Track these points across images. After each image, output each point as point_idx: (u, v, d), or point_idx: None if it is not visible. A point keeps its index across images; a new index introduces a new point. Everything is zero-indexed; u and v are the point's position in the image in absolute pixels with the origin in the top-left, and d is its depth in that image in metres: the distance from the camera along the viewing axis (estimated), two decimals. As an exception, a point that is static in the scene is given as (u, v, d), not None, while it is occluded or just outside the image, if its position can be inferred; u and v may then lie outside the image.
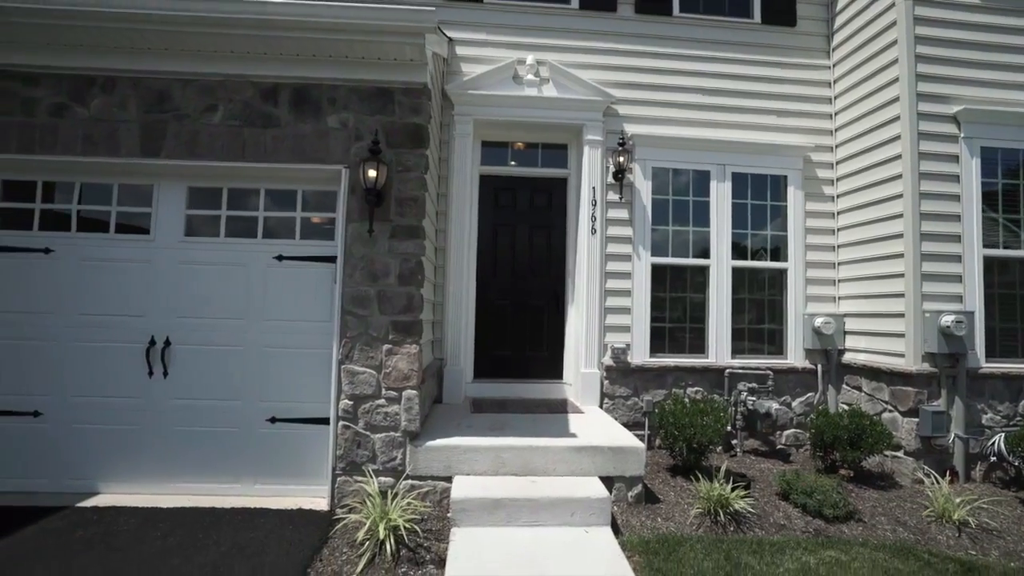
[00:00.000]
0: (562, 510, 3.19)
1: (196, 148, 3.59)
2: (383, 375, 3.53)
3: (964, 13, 4.68)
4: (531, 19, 5.34)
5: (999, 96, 4.66)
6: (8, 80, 3.54)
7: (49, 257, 3.71)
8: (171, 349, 3.70)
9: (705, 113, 5.40)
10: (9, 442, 3.63)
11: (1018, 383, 4.51)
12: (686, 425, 4.07)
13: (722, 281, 5.26)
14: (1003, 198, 4.65)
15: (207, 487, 3.65)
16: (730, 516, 3.41)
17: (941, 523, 3.50)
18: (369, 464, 3.47)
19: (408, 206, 3.62)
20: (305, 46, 3.53)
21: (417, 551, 2.87)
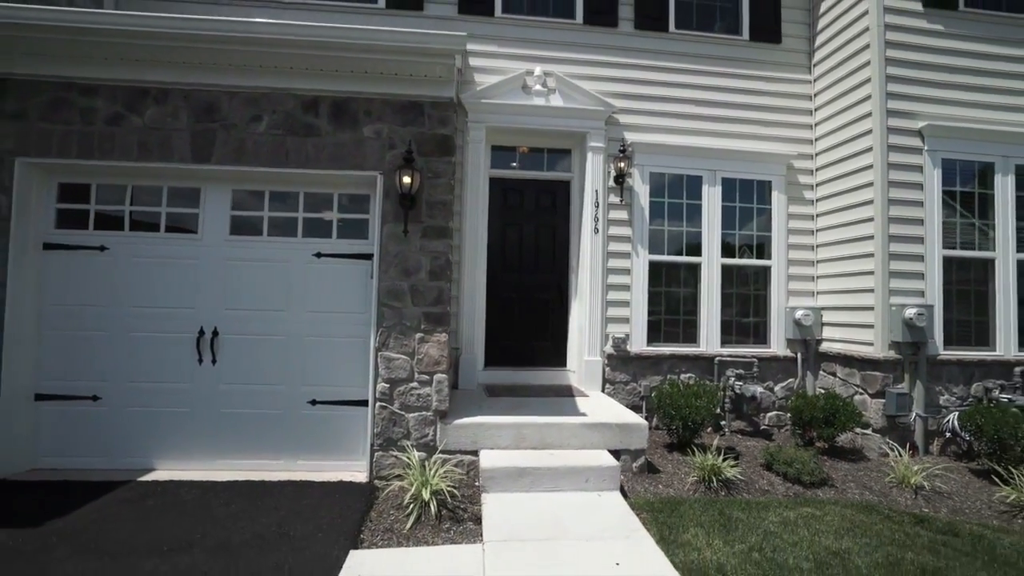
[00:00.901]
0: (577, 477, 3.65)
1: (243, 155, 3.94)
2: (416, 361, 3.94)
3: (929, 38, 5.22)
4: (539, 33, 5.74)
5: (958, 113, 5.22)
6: (68, 91, 3.84)
7: (104, 254, 4.03)
8: (219, 339, 4.06)
9: (698, 123, 5.87)
10: (70, 424, 3.97)
11: (971, 368, 5.10)
12: (682, 406, 4.57)
13: (713, 277, 5.76)
14: (960, 204, 5.22)
15: (254, 463, 4.03)
16: (722, 483, 3.91)
17: (901, 488, 4.04)
18: (404, 440, 3.88)
19: (438, 209, 4.02)
20: (345, 63, 3.90)
21: (455, 511, 3.31)
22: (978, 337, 5.20)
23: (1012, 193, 5.26)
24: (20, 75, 3.80)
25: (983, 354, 5.13)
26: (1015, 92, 5.33)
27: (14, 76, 3.80)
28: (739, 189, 5.90)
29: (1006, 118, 5.30)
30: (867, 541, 3.08)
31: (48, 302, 3.97)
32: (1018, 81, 5.35)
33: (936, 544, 3.09)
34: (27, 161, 3.82)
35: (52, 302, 3.98)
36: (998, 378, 5.08)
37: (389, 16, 5.60)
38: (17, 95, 3.81)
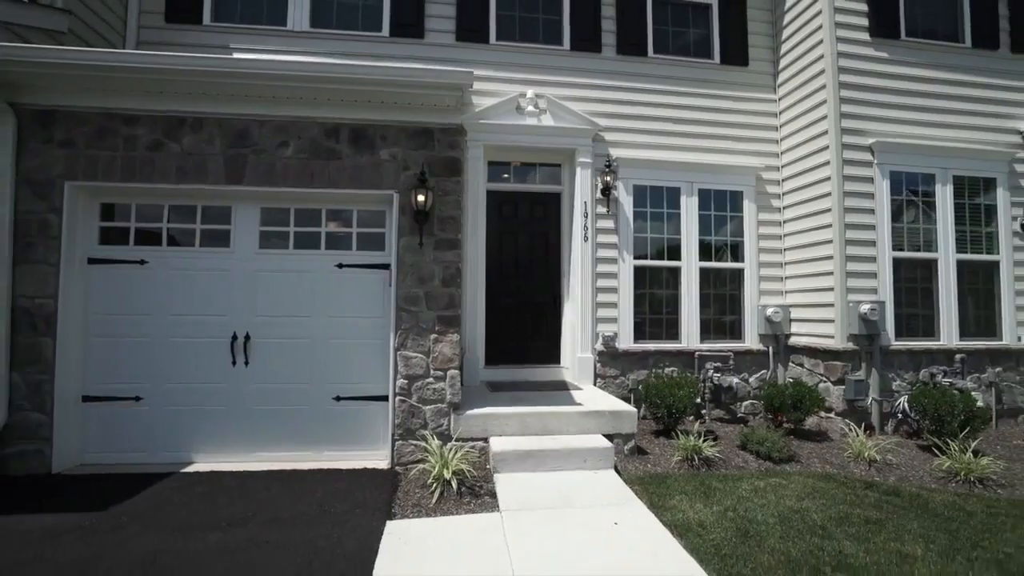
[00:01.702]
0: (577, 458, 4.17)
1: (272, 177, 4.38)
2: (431, 359, 4.42)
3: (877, 64, 5.89)
4: (530, 58, 6.28)
5: (904, 131, 5.90)
6: (112, 121, 4.25)
7: (144, 267, 4.43)
8: (251, 342, 4.48)
9: (675, 139, 6.46)
10: (114, 423, 4.35)
11: (919, 356, 5.76)
12: (666, 395, 5.12)
13: (691, 279, 6.34)
14: (906, 211, 5.89)
15: (284, 455, 4.45)
16: (702, 461, 4.46)
17: (857, 461, 4.63)
18: (422, 430, 4.36)
19: (448, 223, 4.51)
20: (363, 95, 4.37)
21: (473, 488, 3.79)
22: (925, 328, 5.86)
23: (951, 201, 5.95)
24: (67, 107, 4.20)
25: (929, 343, 5.80)
26: (951, 111, 6.04)
27: (62, 108, 4.19)
28: (713, 199, 6.50)
29: (944, 135, 5.99)
30: (824, 502, 3.65)
31: (93, 312, 4.36)
32: (954, 101, 6.06)
33: (881, 502, 3.68)
34: (75, 184, 4.21)
35: (97, 311, 4.36)
36: (942, 364, 5.75)
37: (393, 43, 6.08)
38: (65, 125, 4.20)
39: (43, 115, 4.18)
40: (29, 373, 4.07)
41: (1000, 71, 6.22)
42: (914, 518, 3.41)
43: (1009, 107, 6.21)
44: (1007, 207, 6.09)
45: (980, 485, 4.16)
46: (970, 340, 5.90)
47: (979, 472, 4.18)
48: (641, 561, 2.79)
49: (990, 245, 6.07)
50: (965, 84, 6.12)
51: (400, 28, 6.11)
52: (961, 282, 5.94)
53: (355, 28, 6.08)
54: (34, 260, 4.11)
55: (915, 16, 6.10)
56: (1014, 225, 6.09)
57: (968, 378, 5.75)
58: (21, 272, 4.09)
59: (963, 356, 5.76)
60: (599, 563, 2.77)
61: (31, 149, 4.16)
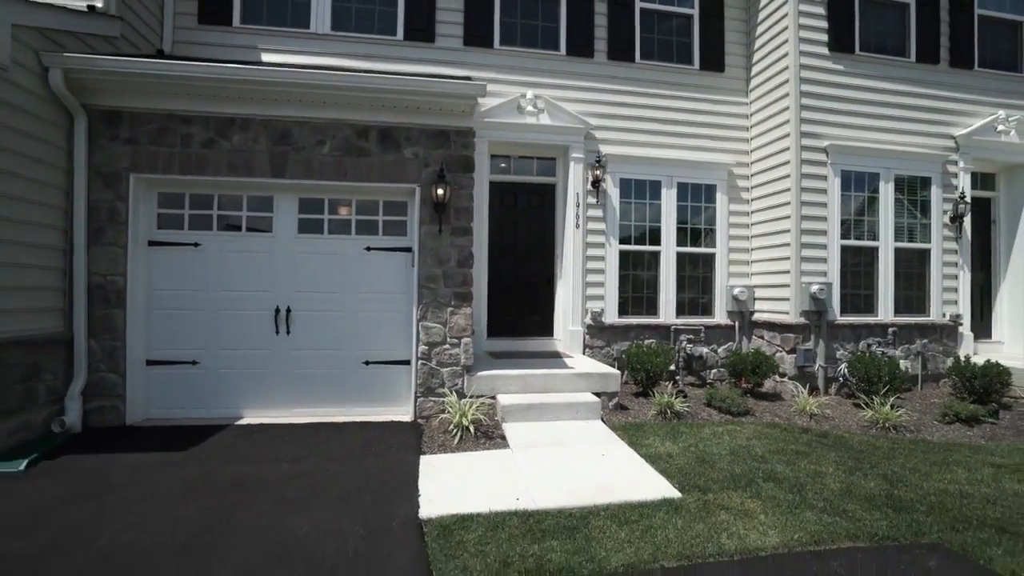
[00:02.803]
0: (571, 410, 5.03)
1: (310, 171, 5.07)
2: (448, 328, 5.21)
3: (833, 76, 6.72)
4: (530, 62, 6.96)
5: (854, 135, 6.76)
6: (171, 120, 4.87)
7: (197, 249, 5.11)
8: (291, 314, 5.21)
9: (658, 137, 7.24)
10: (174, 384, 5.07)
11: (859, 330, 6.73)
12: (645, 361, 6.00)
13: (670, 261, 7.20)
14: (853, 206, 6.80)
15: (320, 411, 5.23)
16: (674, 414, 5.36)
17: (800, 415, 5.58)
18: (440, 388, 5.17)
19: (462, 213, 5.26)
20: (391, 101, 5.06)
21: (487, 433, 4.63)
22: (865, 306, 6.83)
23: (892, 197, 6.87)
24: (131, 108, 4.81)
25: (868, 319, 6.77)
26: (896, 118, 6.92)
27: (127, 109, 4.80)
28: (690, 191, 7.33)
29: (889, 139, 6.88)
30: (766, 441, 4.58)
31: (154, 287, 5.03)
32: (898, 109, 6.94)
33: (811, 442, 4.62)
34: (139, 176, 4.84)
35: (157, 288, 5.04)
36: (877, 336, 6.74)
37: (406, 46, 6.71)
38: (130, 124, 4.81)
39: (110, 115, 4.79)
40: (104, 340, 4.76)
41: (939, 83, 7.11)
42: (833, 451, 4.36)
43: (945, 115, 7.12)
44: (939, 202, 7.05)
45: (894, 431, 5.14)
46: (903, 316, 6.90)
47: (893, 420, 5.16)
48: (620, 475, 3.67)
49: (924, 235, 7.04)
50: (909, 94, 7.00)
51: (413, 32, 6.73)
52: (898, 266, 6.90)
53: (372, 32, 6.68)
54: (105, 242, 4.77)
55: (868, 33, 6.92)
56: (944, 218, 7.06)
57: (899, 348, 6.75)
58: (94, 253, 4.75)
59: (895, 329, 6.76)
60: (589, 475, 3.65)
61: (100, 145, 4.77)
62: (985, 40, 7.32)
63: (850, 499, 3.39)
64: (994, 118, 7.19)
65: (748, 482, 3.63)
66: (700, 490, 3.48)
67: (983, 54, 7.30)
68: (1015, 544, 2.83)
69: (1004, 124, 7.20)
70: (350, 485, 3.57)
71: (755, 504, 3.28)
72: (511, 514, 3.08)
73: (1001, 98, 7.30)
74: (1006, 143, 7.23)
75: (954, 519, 3.13)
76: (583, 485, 3.53)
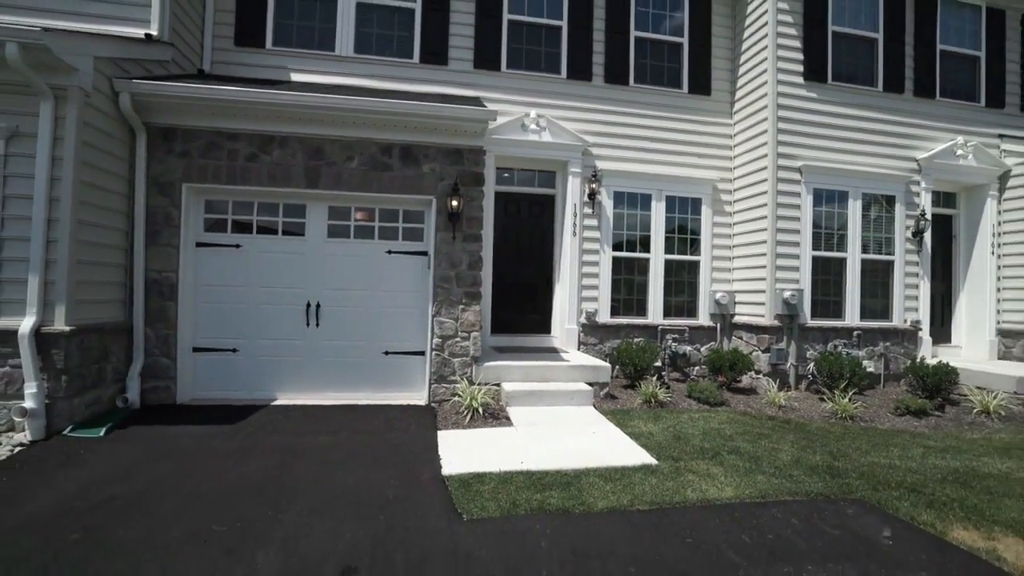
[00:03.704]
0: (567, 397, 5.73)
1: (340, 183, 5.75)
2: (459, 323, 5.90)
3: (807, 103, 7.45)
4: (533, 84, 7.67)
5: (825, 156, 7.50)
6: (219, 137, 5.55)
7: (239, 250, 5.78)
8: (321, 309, 5.89)
9: (649, 154, 7.96)
10: (217, 368, 5.73)
11: (828, 332, 7.45)
12: (634, 357, 6.71)
13: (658, 267, 7.91)
14: (824, 220, 7.54)
15: (345, 395, 5.90)
16: (657, 403, 6.06)
17: (770, 406, 6.29)
18: (452, 376, 5.85)
19: (473, 222, 5.95)
20: (412, 123, 5.75)
21: (494, 414, 5.32)
22: (834, 311, 7.56)
23: (859, 213, 7.61)
24: (185, 126, 5.48)
25: (836, 323, 7.50)
26: (864, 142, 7.66)
27: (180, 126, 5.47)
28: (678, 204, 8.05)
29: (857, 160, 7.62)
30: (735, 425, 5.28)
31: (201, 283, 5.70)
32: (866, 134, 7.68)
33: (774, 427, 5.33)
34: (190, 185, 5.52)
35: (203, 283, 5.70)
36: (844, 338, 7.46)
37: (422, 69, 7.40)
38: (183, 140, 5.49)
39: (166, 132, 5.47)
40: (159, 329, 5.42)
41: (904, 110, 7.86)
42: (791, 434, 5.07)
43: (909, 140, 7.87)
44: (903, 218, 7.79)
45: (851, 420, 5.85)
46: (868, 321, 7.63)
47: (850, 411, 5.87)
48: (607, 447, 4.37)
49: (888, 248, 7.78)
50: (876, 120, 7.75)
51: (428, 56, 7.43)
52: (864, 276, 7.64)
53: (391, 55, 7.37)
54: (160, 243, 5.44)
55: (840, 63, 7.67)
56: (907, 233, 7.80)
57: (863, 350, 7.48)
58: (151, 252, 5.42)
59: (859, 332, 7.48)
60: (581, 448, 4.34)
61: (157, 158, 5.45)
62: (946, 72, 8.08)
63: (797, 468, 4.10)
64: (953, 143, 7.94)
65: (714, 454, 4.33)
66: (673, 459, 4.18)
67: (944, 85, 8.06)
68: (919, 499, 3.53)
69: (962, 149, 7.95)
70: (381, 451, 4.25)
71: (717, 469, 3.98)
72: (517, 473, 3.77)
73: (960, 125, 8.06)
74: (964, 166, 7.99)
75: (878, 483, 3.83)
76: (576, 454, 4.22)
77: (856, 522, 3.21)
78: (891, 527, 3.16)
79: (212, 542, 2.74)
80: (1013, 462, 4.41)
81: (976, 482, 3.91)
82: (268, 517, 3.04)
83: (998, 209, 8.16)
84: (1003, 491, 3.73)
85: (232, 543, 2.73)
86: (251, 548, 2.69)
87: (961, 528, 3.14)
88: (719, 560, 2.72)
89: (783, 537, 2.99)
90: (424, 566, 2.58)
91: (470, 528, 2.98)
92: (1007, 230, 8.10)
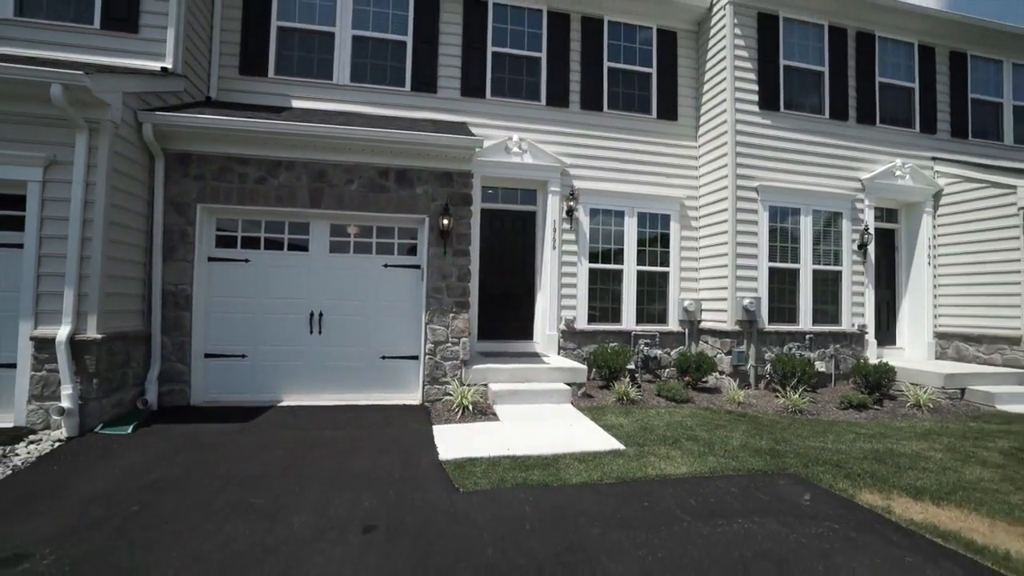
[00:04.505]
0: (547, 396, 6.36)
1: (341, 203, 6.34)
2: (450, 330, 6.51)
3: (762, 128, 8.28)
4: (516, 110, 8.37)
5: (779, 177, 8.33)
6: (230, 162, 6.10)
7: (247, 264, 6.31)
8: (323, 318, 6.44)
9: (622, 174, 8.70)
10: (227, 373, 6.24)
11: (783, 336, 8.23)
12: (608, 360, 7.38)
13: (631, 278, 8.62)
14: (779, 235, 8.35)
15: (345, 396, 6.45)
16: (629, 400, 6.73)
17: (730, 402, 7.00)
18: (444, 378, 6.45)
19: (462, 238, 6.59)
20: (407, 150, 6.38)
21: (482, 411, 5.92)
22: (788, 316, 8.35)
23: (810, 228, 8.44)
24: (200, 152, 6.03)
25: (791, 327, 8.29)
26: (814, 164, 8.52)
27: (195, 152, 6.02)
28: (649, 219, 8.79)
29: (808, 180, 8.47)
30: (696, 418, 5.97)
31: (212, 295, 6.21)
32: (816, 157, 8.54)
33: (731, 419, 6.03)
34: (203, 205, 6.05)
35: (215, 295, 6.22)
36: (798, 341, 8.25)
37: (413, 96, 8.05)
38: (198, 164, 6.03)
39: (182, 157, 6.01)
40: (174, 336, 5.92)
41: (849, 135, 8.75)
42: (745, 424, 5.78)
43: (854, 162, 8.76)
44: (849, 232, 8.65)
45: (800, 413, 6.59)
46: (820, 325, 8.44)
47: (799, 405, 6.62)
48: (582, 437, 5.01)
49: (836, 259, 8.62)
50: (824, 144, 8.62)
51: (419, 85, 8.08)
52: (815, 285, 8.46)
53: (384, 83, 8.00)
54: (176, 258, 5.95)
55: (791, 94, 8.54)
56: (853, 246, 8.65)
57: (815, 352, 8.28)
58: (167, 267, 5.93)
59: (811, 336, 8.28)
60: (559, 437, 4.98)
61: (174, 180, 5.98)
62: (885, 101, 9.02)
63: (744, 451, 4.79)
64: (892, 165, 8.86)
65: (674, 441, 5.00)
66: (639, 445, 4.84)
67: (884, 113, 9.00)
68: (839, 473, 4.24)
69: (901, 170, 8.87)
70: (383, 442, 4.82)
71: (676, 453, 4.65)
72: (504, 457, 4.39)
73: (898, 149, 8.99)
74: (902, 186, 8.90)
75: (809, 461, 4.54)
76: (555, 442, 4.86)
77: (785, 490, 3.90)
78: (812, 493, 3.85)
79: (253, 511, 3.29)
80: (925, 444, 5.18)
81: (890, 459, 4.64)
82: (296, 492, 3.60)
83: (933, 224, 9.09)
84: (908, 465, 4.47)
85: (270, 511, 3.29)
86: (287, 514, 3.25)
87: (868, 492, 3.85)
88: (668, 517, 3.36)
89: (723, 501, 3.65)
90: (429, 523, 3.18)
91: (466, 498, 3.58)
92: (941, 243, 9.03)
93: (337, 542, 2.92)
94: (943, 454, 4.85)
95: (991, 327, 8.16)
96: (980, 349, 8.33)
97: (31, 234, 4.89)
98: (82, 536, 2.93)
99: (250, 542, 2.90)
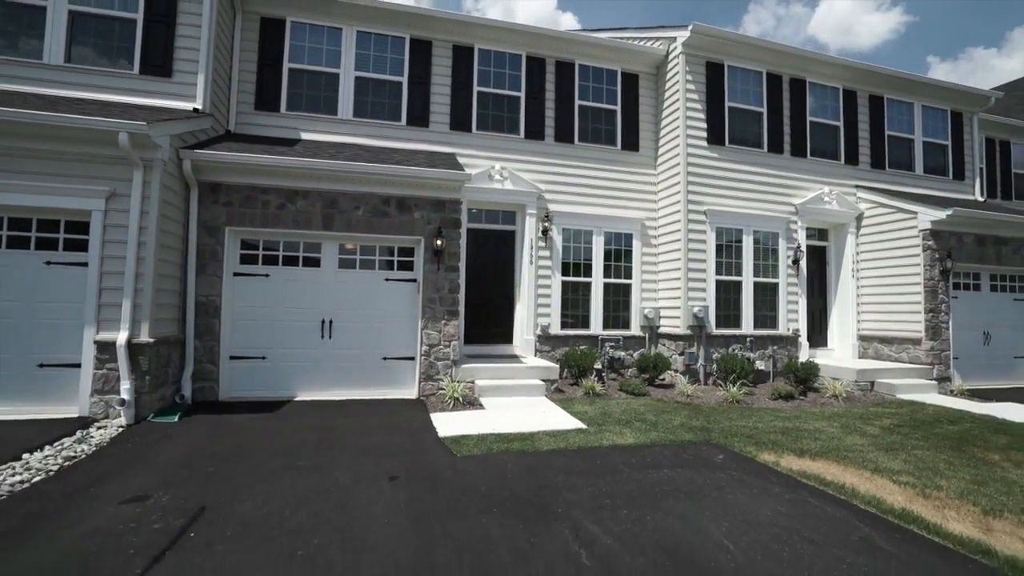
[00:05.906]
0: (525, 390, 7.51)
1: (349, 227, 7.41)
2: (442, 335, 7.61)
3: (711, 160, 9.64)
4: (498, 142, 9.57)
5: (725, 202, 9.69)
6: (254, 191, 7.13)
7: (267, 278, 7.33)
8: (333, 324, 7.48)
9: (591, 199, 9.96)
10: (249, 372, 7.22)
11: (729, 339, 9.55)
12: (578, 360, 8.57)
13: (598, 289, 9.85)
14: (724, 252, 9.70)
15: (352, 392, 7.48)
16: (595, 394, 7.91)
17: (681, 395, 8.24)
18: (437, 375, 7.54)
19: (453, 256, 7.72)
20: (407, 182, 7.50)
21: (471, 402, 7.03)
22: (733, 322, 9.68)
23: (752, 246, 9.81)
24: (228, 182, 7.04)
25: (735, 331, 9.61)
26: (754, 191, 9.91)
27: (224, 183, 7.03)
28: (614, 238, 10.06)
29: (750, 205, 9.85)
30: (649, 407, 7.18)
31: (237, 305, 7.20)
32: (755, 185, 9.93)
33: (677, 407, 7.26)
34: (231, 228, 7.06)
35: (239, 305, 7.21)
36: (741, 343, 9.58)
37: (408, 129, 9.19)
38: (227, 193, 7.04)
39: (213, 186, 7.02)
40: (205, 341, 6.90)
41: (784, 166, 10.19)
42: (687, 411, 7.02)
43: (789, 189, 10.19)
44: (785, 249, 10.05)
45: (737, 403, 7.86)
46: (760, 330, 9.79)
47: (737, 397, 7.90)
48: (553, 421, 6.17)
49: (774, 273, 10.01)
50: (763, 174, 10.03)
51: (413, 119, 9.22)
52: (756, 295, 9.82)
53: (383, 118, 9.12)
54: (207, 273, 6.94)
55: (735, 131, 9.93)
56: (788, 261, 10.06)
57: (756, 352, 9.62)
58: (200, 280, 6.91)
59: (752, 339, 9.63)
60: (535, 420, 6.13)
61: (206, 207, 6.98)
62: (815, 137, 10.51)
63: (681, 428, 6.00)
64: (822, 192, 10.32)
65: (627, 422, 6.20)
66: (598, 425, 6.02)
67: (814, 147, 10.48)
68: (750, 442, 5.48)
69: (828, 196, 10.34)
70: (392, 426, 5.90)
71: (627, 430, 5.84)
72: (490, 434, 5.51)
73: (827, 178, 10.47)
74: (830, 210, 10.37)
75: (730, 435, 5.77)
76: (531, 423, 6.00)
77: (705, 453, 5.12)
78: (724, 454, 5.07)
79: (301, 469, 4.35)
80: (826, 423, 6.49)
81: (794, 433, 5.92)
82: (330, 459, 4.66)
83: (856, 243, 10.59)
84: (806, 436, 5.75)
85: (315, 469, 4.36)
86: (328, 470, 4.32)
87: (766, 453, 5.09)
88: (614, 469, 4.53)
89: (657, 461, 4.84)
90: (437, 474, 4.28)
91: (463, 460, 4.70)
92: (863, 259, 10.52)
93: (372, 485, 4.01)
94: (836, 429, 6.16)
95: (899, 330, 9.64)
96: (892, 349, 9.80)
97: (94, 254, 5.85)
98: (180, 485, 3.95)
99: (307, 486, 3.97)
